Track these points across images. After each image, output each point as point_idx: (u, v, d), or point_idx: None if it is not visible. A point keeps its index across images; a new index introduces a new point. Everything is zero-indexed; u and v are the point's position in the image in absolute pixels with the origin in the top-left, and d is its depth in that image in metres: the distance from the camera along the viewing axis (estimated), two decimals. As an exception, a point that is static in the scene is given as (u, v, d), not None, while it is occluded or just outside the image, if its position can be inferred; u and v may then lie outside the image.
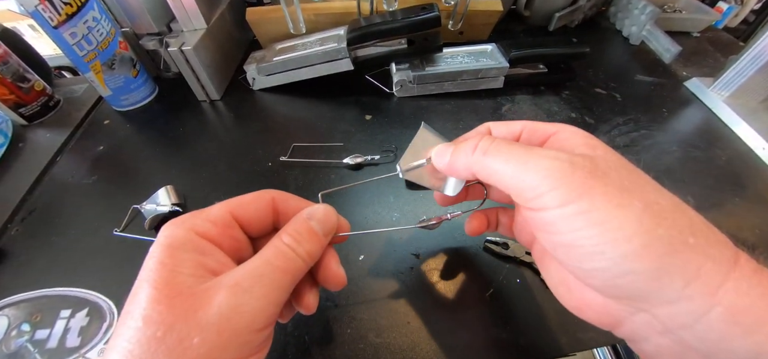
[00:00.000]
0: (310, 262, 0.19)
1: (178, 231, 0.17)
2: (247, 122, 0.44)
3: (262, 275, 0.16)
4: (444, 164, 0.20)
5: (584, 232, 0.14)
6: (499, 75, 0.44)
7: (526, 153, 0.16)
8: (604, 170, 0.15)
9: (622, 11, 0.56)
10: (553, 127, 0.20)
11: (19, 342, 0.27)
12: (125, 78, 0.44)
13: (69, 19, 0.37)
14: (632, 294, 0.15)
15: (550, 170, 0.15)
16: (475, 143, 0.18)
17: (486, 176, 0.18)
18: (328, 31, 0.44)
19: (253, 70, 0.46)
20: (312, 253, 0.19)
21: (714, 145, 0.39)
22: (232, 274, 0.16)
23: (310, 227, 0.19)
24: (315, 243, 0.19)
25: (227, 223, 0.19)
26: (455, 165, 0.19)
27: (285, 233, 0.18)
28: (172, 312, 0.14)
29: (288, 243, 0.18)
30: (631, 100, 0.45)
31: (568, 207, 0.15)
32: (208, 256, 0.17)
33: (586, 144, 0.17)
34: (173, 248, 0.16)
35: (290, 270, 0.17)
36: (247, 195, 0.20)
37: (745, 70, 0.41)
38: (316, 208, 0.20)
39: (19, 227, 0.35)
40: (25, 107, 0.44)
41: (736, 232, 0.31)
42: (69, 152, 0.42)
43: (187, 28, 0.43)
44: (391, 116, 0.43)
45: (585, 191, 0.14)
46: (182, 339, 0.14)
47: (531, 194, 0.16)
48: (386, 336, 0.26)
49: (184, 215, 0.18)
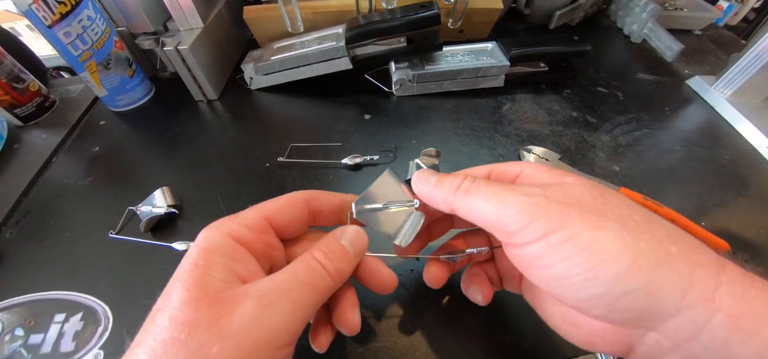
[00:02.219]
0: (338, 281, 0.19)
1: (215, 235, 0.17)
2: (244, 122, 0.43)
3: (290, 290, 0.16)
4: (425, 191, 0.20)
5: (573, 259, 0.15)
6: (500, 73, 0.43)
7: (503, 190, 0.17)
8: (578, 197, 0.16)
9: (623, 9, 0.56)
10: (518, 166, 0.21)
11: (12, 347, 0.26)
12: (121, 78, 0.44)
13: (63, 19, 0.36)
14: (636, 314, 0.14)
15: (527, 204, 0.16)
16: (458, 182, 0.19)
17: (467, 214, 0.18)
18: (327, 30, 0.44)
19: (251, 69, 0.46)
20: (342, 272, 0.19)
21: (717, 144, 0.39)
22: (261, 284, 0.16)
23: (342, 246, 0.19)
24: (345, 262, 0.19)
25: (263, 228, 0.19)
26: (434, 197, 0.20)
27: (317, 249, 0.19)
28: (198, 314, 0.14)
29: (319, 259, 0.18)
30: (632, 98, 0.44)
31: (551, 237, 0.15)
32: (240, 262, 0.17)
33: (552, 176, 0.18)
34: (208, 251, 0.17)
35: (318, 288, 0.17)
36: (280, 199, 0.21)
37: (747, 68, 0.40)
38: (349, 230, 0.21)
39: (13, 229, 0.34)
40: (21, 107, 0.44)
41: (741, 232, 0.31)
42: (64, 153, 0.42)
43: (183, 27, 0.43)
44: (391, 115, 0.42)
45: (563, 219, 0.15)
46: (203, 345, 0.14)
47: (513, 228, 0.16)
48: (386, 339, 0.25)
49: (222, 218, 0.19)
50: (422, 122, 0.41)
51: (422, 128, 0.40)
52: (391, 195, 0.23)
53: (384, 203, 0.22)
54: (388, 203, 0.22)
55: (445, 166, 0.36)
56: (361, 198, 0.22)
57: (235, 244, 0.17)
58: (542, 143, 0.38)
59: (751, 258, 0.29)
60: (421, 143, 0.38)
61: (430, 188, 0.20)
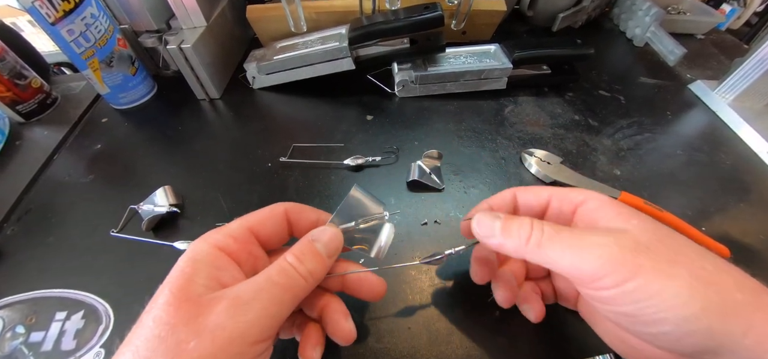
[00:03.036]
0: (312, 281, 0.20)
1: (201, 246, 0.19)
2: (246, 122, 0.43)
3: (262, 289, 0.17)
4: (493, 242, 0.20)
5: (645, 303, 0.16)
6: (503, 76, 0.43)
7: (578, 241, 0.18)
8: (647, 244, 0.17)
9: (625, 13, 0.56)
10: (580, 195, 0.21)
11: (13, 344, 0.26)
12: (123, 76, 0.44)
13: (66, 16, 0.36)
14: (697, 349, 0.16)
15: (603, 258, 0.17)
16: (527, 232, 0.19)
17: (540, 263, 0.19)
18: (330, 30, 0.44)
19: (253, 68, 0.46)
20: (314, 273, 0.20)
21: (718, 149, 0.39)
22: (237, 287, 0.17)
23: (314, 248, 0.20)
24: (317, 263, 0.20)
25: (246, 238, 0.20)
26: (505, 247, 0.20)
27: (290, 253, 0.20)
28: (178, 315, 0.16)
29: (291, 262, 0.19)
30: (634, 102, 0.44)
31: (626, 285, 0.16)
32: (223, 270, 0.18)
33: (619, 215, 0.19)
34: (194, 259, 0.18)
35: (290, 287, 0.18)
36: (262, 210, 0.22)
37: (750, 74, 0.40)
38: (322, 230, 0.21)
39: (14, 226, 0.34)
40: (23, 104, 0.44)
41: (741, 238, 0.31)
42: (66, 150, 0.42)
43: (186, 26, 0.43)
44: (393, 116, 0.42)
45: (637, 269, 0.16)
46: (180, 342, 0.15)
47: (590, 280, 0.17)
48: (386, 341, 0.25)
49: (211, 230, 0.20)
50: (424, 123, 0.41)
51: (424, 130, 0.40)
52: (361, 211, 0.23)
53: (355, 220, 0.23)
54: (359, 220, 0.23)
55: (446, 168, 0.36)
56: (335, 216, 0.23)
57: (220, 253, 0.19)
58: (544, 145, 0.38)
59: (750, 265, 0.29)
60: (423, 145, 0.38)
61: (497, 239, 0.20)
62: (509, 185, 0.35)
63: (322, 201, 0.34)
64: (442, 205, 0.33)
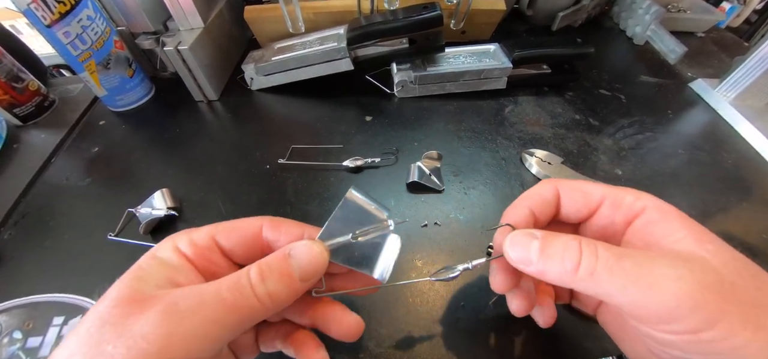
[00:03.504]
0: (270, 306, 0.16)
1: (164, 244, 0.18)
2: (244, 123, 0.43)
3: (204, 303, 0.15)
4: (532, 269, 0.17)
5: (719, 357, 0.13)
6: (502, 76, 0.43)
7: (645, 274, 0.14)
8: (731, 283, 0.14)
9: (626, 11, 0.55)
10: (638, 200, 0.17)
11: (10, 350, 0.26)
12: (121, 78, 0.43)
13: (62, 18, 0.36)
14: None
15: (679, 299, 0.13)
16: (575, 259, 0.15)
17: (591, 294, 0.16)
18: (328, 31, 0.43)
19: (251, 70, 0.45)
20: (275, 297, 0.16)
21: (720, 148, 0.38)
22: (179, 291, 0.15)
23: (285, 266, 0.17)
24: (284, 286, 0.16)
25: (206, 246, 0.18)
26: (547, 275, 0.16)
27: (256, 265, 0.17)
28: (113, 313, 0.14)
29: (251, 277, 0.16)
30: (635, 101, 0.44)
31: (703, 334, 0.13)
32: (180, 272, 0.17)
33: (689, 235, 0.15)
34: (153, 257, 0.17)
35: (239, 308, 0.15)
36: (234, 223, 0.19)
37: (751, 72, 0.40)
38: (304, 246, 0.17)
39: (12, 230, 0.34)
40: (20, 107, 0.44)
41: (743, 236, 0.31)
42: (64, 153, 0.42)
43: (183, 27, 0.43)
44: (392, 117, 0.42)
45: (720, 317, 0.13)
46: (101, 342, 0.14)
47: (656, 321, 0.14)
48: (386, 345, 0.25)
49: (180, 231, 0.19)
50: (424, 123, 0.41)
51: (424, 130, 0.40)
52: (360, 219, 0.19)
53: (352, 232, 0.19)
54: (356, 233, 0.19)
55: (446, 169, 0.36)
56: (324, 231, 0.19)
57: (179, 256, 0.17)
58: (545, 146, 0.38)
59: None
60: (423, 146, 0.38)
61: (536, 266, 0.16)
62: (510, 186, 0.35)
63: (321, 203, 0.34)
64: (442, 206, 0.33)
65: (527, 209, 0.20)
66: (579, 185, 0.20)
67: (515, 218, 0.20)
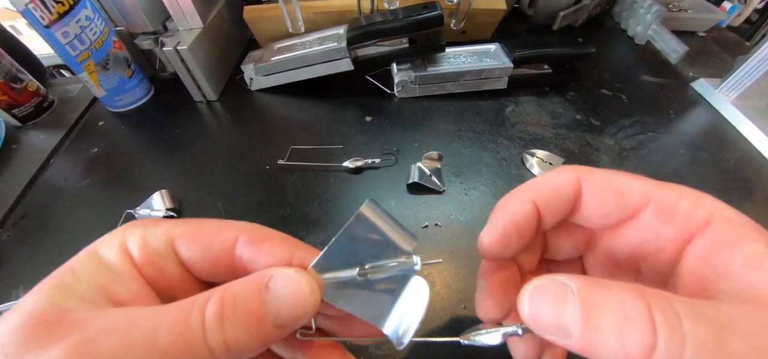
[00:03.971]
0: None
1: (109, 240, 0.14)
2: (244, 124, 0.43)
3: (131, 348, 0.10)
4: (570, 342, 0.11)
5: None
6: (503, 76, 0.43)
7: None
8: None
9: (627, 10, 0.55)
10: (699, 207, 0.13)
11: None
12: (120, 78, 0.43)
13: (61, 18, 0.36)
14: None
15: None
16: (646, 337, 0.10)
17: None
18: (328, 31, 0.43)
19: (251, 70, 0.45)
20: (235, 348, 0.12)
21: (722, 148, 0.38)
22: (105, 321, 0.11)
23: (257, 305, 0.12)
24: (249, 334, 0.12)
25: (160, 252, 0.14)
26: (595, 353, 0.11)
27: (216, 300, 0.12)
28: (15, 336, 0.10)
29: (207, 318, 0.11)
30: (637, 101, 0.44)
31: None
32: (120, 283, 0.13)
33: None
34: (92, 257, 0.13)
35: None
36: (205, 224, 0.15)
37: (753, 72, 0.40)
38: (286, 276, 0.13)
39: (10, 232, 0.34)
40: (19, 107, 0.43)
41: (746, 238, 0.31)
42: (63, 154, 0.41)
43: (182, 27, 0.42)
44: (392, 117, 0.42)
45: None
46: None
47: None
48: (387, 347, 0.25)
49: (132, 222, 0.14)
50: (424, 124, 0.41)
51: (424, 131, 0.40)
52: (374, 247, 0.14)
53: (361, 264, 0.14)
54: (366, 267, 0.14)
55: (447, 169, 0.36)
56: (322, 257, 0.14)
57: (124, 259, 0.13)
58: (546, 146, 0.38)
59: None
60: (423, 146, 0.38)
61: (576, 340, 0.11)
62: (511, 187, 0.34)
63: (322, 205, 0.34)
64: (442, 207, 0.33)
65: (529, 203, 0.15)
66: (611, 180, 0.14)
67: (511, 216, 0.15)
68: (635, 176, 0.14)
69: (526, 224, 0.15)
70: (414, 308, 0.14)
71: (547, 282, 0.12)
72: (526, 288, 0.12)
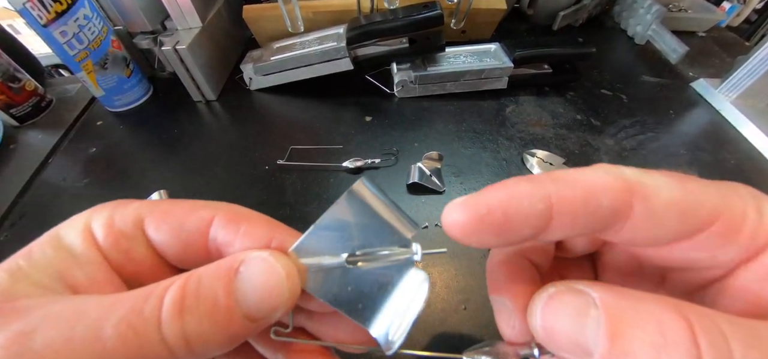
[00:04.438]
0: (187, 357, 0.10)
1: (73, 222, 0.12)
2: (243, 124, 0.43)
3: (72, 342, 0.09)
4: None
5: None
6: (503, 75, 0.43)
7: None
8: None
9: (627, 10, 0.55)
10: (749, 208, 0.10)
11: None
12: (118, 78, 0.43)
13: (59, 17, 0.35)
14: None
15: None
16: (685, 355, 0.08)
17: None
18: (327, 30, 0.43)
19: (250, 69, 0.45)
20: (197, 344, 0.10)
21: (722, 148, 0.38)
22: (46, 312, 0.10)
23: (225, 294, 0.10)
24: (214, 328, 0.10)
25: (127, 234, 0.12)
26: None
27: (177, 287, 0.10)
28: None
29: (164, 306, 0.10)
30: (637, 101, 0.44)
31: None
32: (80, 267, 0.11)
33: None
34: (52, 240, 0.12)
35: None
36: (178, 204, 0.13)
37: (753, 72, 0.40)
38: (260, 259, 0.11)
39: (8, 232, 0.33)
40: (17, 107, 0.43)
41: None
42: (61, 153, 0.41)
43: (181, 27, 0.42)
44: (392, 117, 0.42)
45: None
46: None
47: None
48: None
49: (103, 204, 0.13)
50: (424, 124, 0.41)
51: (424, 131, 0.40)
52: (364, 233, 0.12)
53: (351, 249, 0.12)
54: (356, 253, 0.12)
55: (447, 170, 0.36)
56: (305, 239, 0.12)
57: (86, 242, 0.12)
58: (546, 146, 0.38)
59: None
60: (423, 146, 0.38)
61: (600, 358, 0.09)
62: (511, 187, 0.34)
63: (321, 205, 0.34)
64: (442, 208, 0.33)
65: (542, 203, 0.10)
66: (675, 195, 0.10)
67: (506, 202, 0.11)
68: (695, 179, 0.11)
69: (520, 224, 0.10)
70: (407, 306, 0.12)
71: (564, 290, 0.10)
72: (539, 296, 0.11)
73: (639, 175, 0.10)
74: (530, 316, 0.11)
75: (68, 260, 0.11)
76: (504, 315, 0.13)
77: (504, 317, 0.13)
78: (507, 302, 0.13)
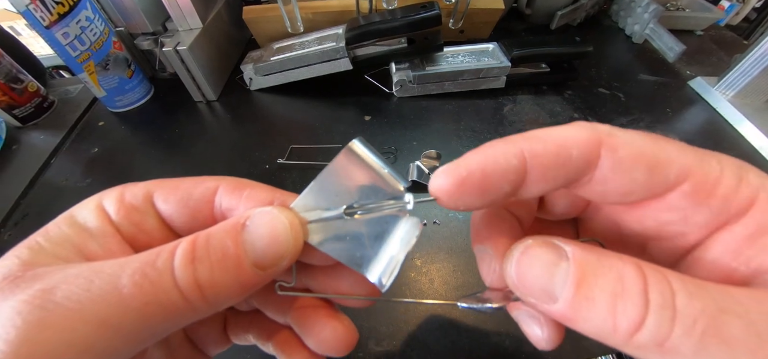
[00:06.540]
0: (203, 306, 0.11)
1: (85, 203, 0.13)
2: (244, 124, 0.43)
3: (91, 293, 0.10)
4: (555, 308, 0.10)
5: None
6: (501, 75, 0.43)
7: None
8: None
9: (624, 9, 0.55)
10: (744, 185, 0.10)
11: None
12: (120, 79, 0.43)
13: (61, 19, 0.36)
14: None
15: None
16: (638, 313, 0.09)
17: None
18: (327, 30, 0.43)
19: (250, 70, 0.45)
20: (210, 290, 0.11)
21: (719, 145, 0.38)
22: (64, 273, 0.10)
23: (233, 244, 0.11)
24: (225, 274, 0.11)
25: (138, 207, 0.13)
26: (580, 325, 0.10)
27: (186, 239, 0.11)
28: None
29: (177, 260, 0.11)
30: (634, 99, 0.44)
31: None
32: (95, 240, 0.12)
33: None
34: (67, 218, 0.13)
35: (146, 306, 0.10)
36: (185, 179, 0.14)
37: (750, 70, 0.40)
38: (264, 213, 0.12)
39: (11, 231, 0.34)
40: (19, 108, 0.44)
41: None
42: (63, 154, 0.42)
43: (182, 28, 0.43)
44: (391, 116, 0.42)
45: None
46: None
47: None
48: (386, 344, 0.25)
49: (113, 188, 0.14)
50: (423, 123, 0.41)
51: (423, 130, 0.40)
52: (360, 188, 0.13)
53: (348, 203, 0.13)
54: (353, 206, 0.13)
55: (445, 168, 0.36)
56: (305, 195, 0.13)
57: (100, 218, 0.13)
58: (543, 144, 0.38)
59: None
60: (422, 145, 0.38)
61: (561, 308, 0.10)
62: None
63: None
64: (441, 206, 0.33)
65: (516, 157, 0.11)
66: (643, 149, 0.10)
67: (483, 162, 0.12)
68: (671, 141, 0.11)
69: (499, 181, 0.11)
70: (401, 250, 0.13)
71: (541, 242, 0.11)
72: (516, 247, 0.11)
73: (611, 128, 0.11)
74: (506, 263, 0.12)
75: (83, 234, 0.12)
76: (486, 261, 0.14)
77: (485, 263, 0.14)
78: (489, 249, 0.14)
